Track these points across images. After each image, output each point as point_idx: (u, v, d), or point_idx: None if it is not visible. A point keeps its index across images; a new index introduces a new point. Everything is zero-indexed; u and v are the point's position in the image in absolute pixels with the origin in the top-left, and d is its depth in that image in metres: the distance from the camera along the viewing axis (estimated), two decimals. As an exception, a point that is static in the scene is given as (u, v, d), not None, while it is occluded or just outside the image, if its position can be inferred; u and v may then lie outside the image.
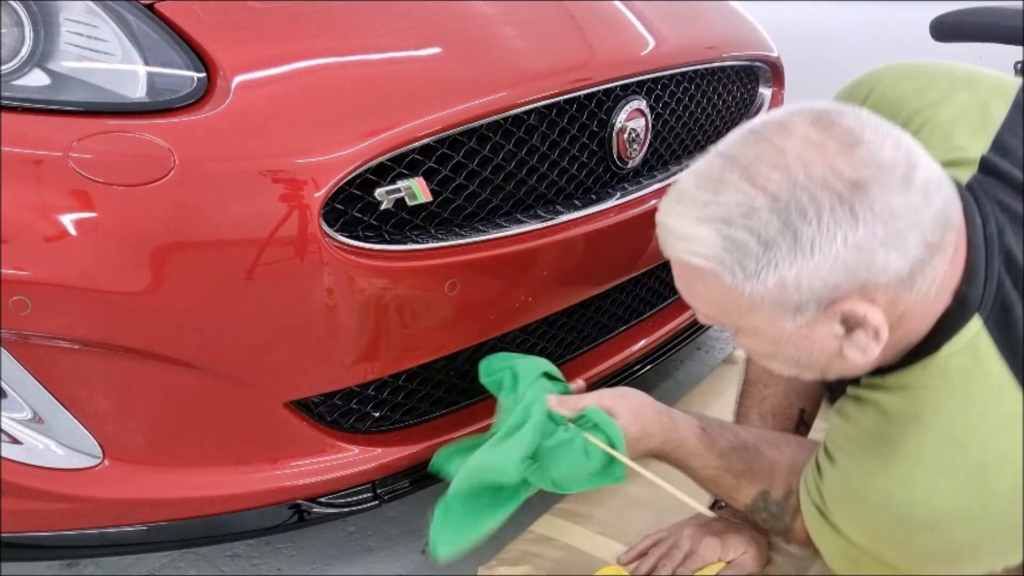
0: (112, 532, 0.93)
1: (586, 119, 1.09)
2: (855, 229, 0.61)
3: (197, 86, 0.83)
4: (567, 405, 0.87)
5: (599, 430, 0.85)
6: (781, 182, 0.62)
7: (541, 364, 0.93)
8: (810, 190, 0.61)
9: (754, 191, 0.63)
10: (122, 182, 0.78)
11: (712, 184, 0.65)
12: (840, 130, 0.63)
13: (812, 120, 0.64)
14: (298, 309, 0.87)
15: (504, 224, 1.03)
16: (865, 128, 0.64)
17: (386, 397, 1.04)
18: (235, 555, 1.15)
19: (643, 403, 0.90)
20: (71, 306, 0.80)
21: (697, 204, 0.66)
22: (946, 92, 0.82)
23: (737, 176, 0.64)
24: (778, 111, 0.68)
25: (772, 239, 0.62)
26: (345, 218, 0.89)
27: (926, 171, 0.64)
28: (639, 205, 1.18)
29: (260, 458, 0.95)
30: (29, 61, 0.80)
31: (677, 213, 0.68)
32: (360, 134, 0.87)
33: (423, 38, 1.01)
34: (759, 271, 0.64)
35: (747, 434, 0.93)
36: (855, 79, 1.00)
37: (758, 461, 0.90)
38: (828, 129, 0.63)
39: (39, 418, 0.87)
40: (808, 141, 0.63)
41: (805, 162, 0.62)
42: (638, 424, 0.87)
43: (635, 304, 1.37)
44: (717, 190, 0.65)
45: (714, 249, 0.65)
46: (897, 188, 0.62)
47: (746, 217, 0.63)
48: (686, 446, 0.89)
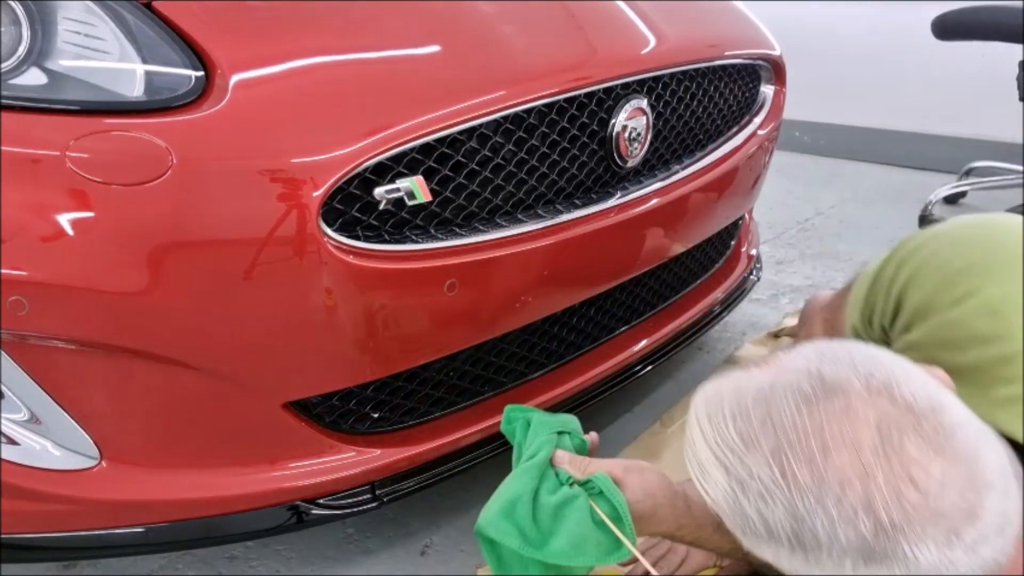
0: (110, 533, 0.92)
1: (586, 118, 1.09)
2: (869, 570, 0.54)
3: (195, 85, 0.83)
4: (576, 465, 0.84)
5: (603, 498, 0.80)
6: (807, 491, 0.55)
7: (561, 420, 0.90)
8: (833, 522, 0.54)
9: (778, 480, 0.56)
10: (120, 181, 0.78)
11: (745, 434, 0.59)
12: (905, 456, 0.54)
13: (881, 422, 0.55)
14: (297, 309, 0.87)
15: (504, 224, 1.02)
16: (936, 458, 0.54)
17: (385, 398, 1.04)
18: (233, 557, 1.15)
19: (659, 483, 0.85)
20: (69, 306, 0.80)
21: (724, 443, 0.60)
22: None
23: (768, 449, 0.57)
24: (857, 354, 0.60)
25: (777, 535, 0.57)
26: (344, 218, 0.88)
27: (986, 520, 0.54)
28: (640, 205, 1.17)
29: (258, 459, 0.95)
30: (27, 60, 0.79)
31: (703, 430, 0.62)
32: (359, 133, 0.86)
33: (422, 37, 1.00)
34: (758, 544, 0.59)
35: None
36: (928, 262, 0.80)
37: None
38: (891, 446, 0.54)
39: (36, 419, 0.86)
40: (859, 453, 0.54)
41: (843, 484, 0.54)
42: (648, 502, 0.82)
43: (636, 304, 1.36)
44: (746, 446, 0.58)
45: (720, 498, 0.60)
46: (938, 542, 0.53)
47: (760, 499, 0.57)
48: (702, 533, 0.85)
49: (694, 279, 1.52)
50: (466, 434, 1.08)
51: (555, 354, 1.23)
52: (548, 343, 1.21)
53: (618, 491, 0.81)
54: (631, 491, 0.83)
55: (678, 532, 0.86)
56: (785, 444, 0.57)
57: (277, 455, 0.96)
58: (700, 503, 0.85)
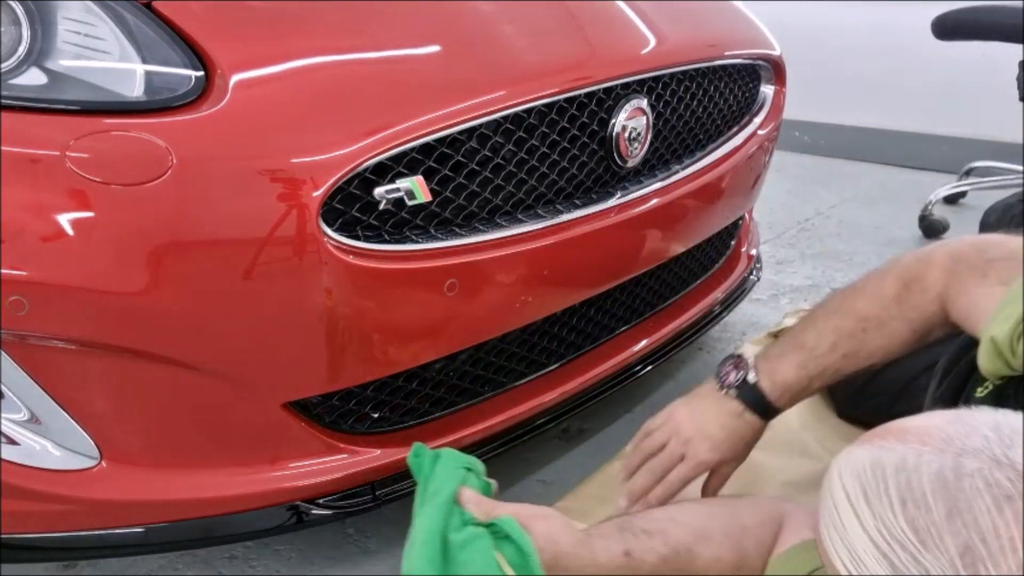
0: (110, 533, 0.92)
1: (586, 118, 1.09)
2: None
3: (195, 85, 0.83)
4: (482, 508, 0.83)
5: (510, 541, 0.79)
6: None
7: (468, 460, 0.89)
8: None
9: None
10: (120, 181, 0.78)
11: (921, 528, 0.52)
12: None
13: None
14: (296, 309, 0.87)
15: (504, 224, 1.02)
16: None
17: (385, 398, 1.04)
18: (233, 557, 1.15)
19: (562, 530, 0.83)
20: (69, 306, 0.80)
21: (891, 534, 0.53)
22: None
23: (956, 551, 0.50)
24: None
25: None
26: (344, 218, 0.88)
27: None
28: (640, 205, 1.17)
29: (258, 459, 0.95)
30: (27, 60, 0.79)
31: (859, 512, 0.55)
32: (359, 133, 0.86)
33: (422, 37, 1.00)
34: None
35: (680, 534, 0.87)
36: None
37: (692, 564, 0.85)
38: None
39: (36, 419, 0.86)
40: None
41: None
42: (551, 551, 0.81)
43: (636, 304, 1.36)
44: (923, 543, 0.51)
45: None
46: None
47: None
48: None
49: (694, 279, 1.52)
50: (466, 434, 1.08)
51: (555, 354, 1.23)
52: (548, 343, 1.21)
53: (526, 535, 0.79)
54: (535, 538, 0.81)
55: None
56: (981, 549, 0.49)
57: (277, 455, 0.96)
58: (605, 552, 0.84)
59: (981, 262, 0.86)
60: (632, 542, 0.86)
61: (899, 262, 0.94)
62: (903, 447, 0.55)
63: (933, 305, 0.90)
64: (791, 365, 0.96)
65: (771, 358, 0.98)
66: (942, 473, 0.52)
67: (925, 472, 0.53)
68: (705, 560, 0.86)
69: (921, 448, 0.54)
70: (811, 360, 0.95)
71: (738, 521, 0.90)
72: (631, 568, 0.84)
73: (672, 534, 0.87)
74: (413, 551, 0.78)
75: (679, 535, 0.87)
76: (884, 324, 0.92)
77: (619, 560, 0.84)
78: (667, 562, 0.85)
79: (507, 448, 1.15)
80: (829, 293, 1.02)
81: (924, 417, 0.59)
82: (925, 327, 0.91)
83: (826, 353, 0.94)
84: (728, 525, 0.89)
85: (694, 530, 0.88)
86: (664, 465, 0.99)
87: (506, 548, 0.79)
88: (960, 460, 0.52)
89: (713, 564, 0.86)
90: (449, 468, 0.86)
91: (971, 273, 0.86)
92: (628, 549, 0.85)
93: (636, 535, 0.86)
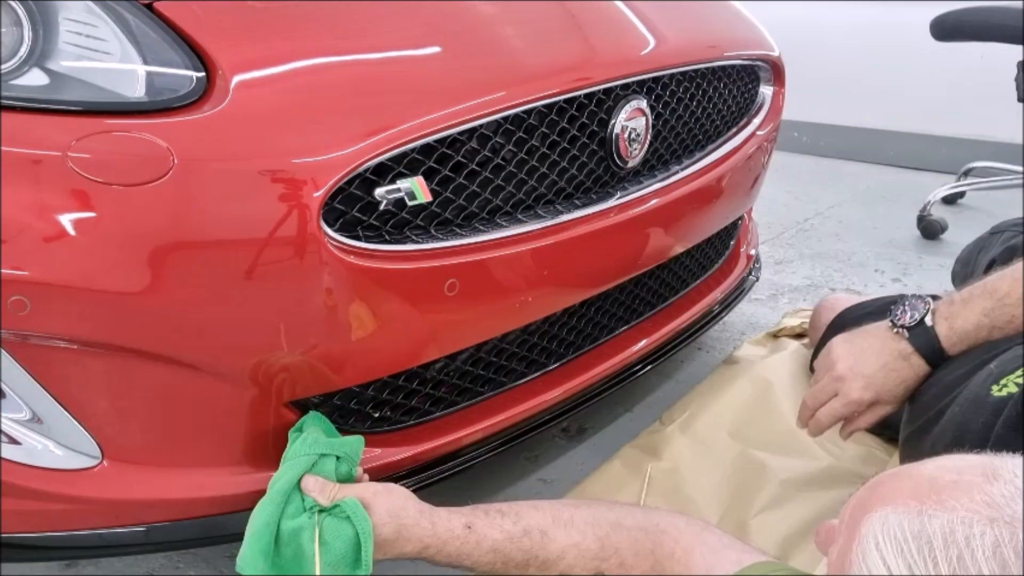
0: (111, 533, 0.92)
1: (586, 119, 1.09)
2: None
3: (196, 86, 0.83)
4: (326, 493, 0.84)
5: (349, 523, 0.82)
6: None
7: (339, 443, 0.90)
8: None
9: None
10: (121, 182, 0.78)
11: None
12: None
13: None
14: (297, 309, 0.87)
15: (504, 224, 1.03)
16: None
17: (386, 397, 1.04)
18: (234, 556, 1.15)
19: (404, 504, 0.85)
20: (70, 306, 0.80)
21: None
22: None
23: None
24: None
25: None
26: (345, 218, 0.89)
27: None
28: (639, 205, 1.17)
29: (259, 459, 0.95)
30: (28, 61, 0.79)
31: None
32: (359, 133, 0.86)
33: (423, 38, 1.00)
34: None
35: (536, 517, 0.87)
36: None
37: (546, 547, 0.85)
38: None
39: (38, 418, 0.87)
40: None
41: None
42: (392, 524, 0.83)
43: (636, 304, 1.36)
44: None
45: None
46: None
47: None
48: (447, 549, 0.85)
49: (693, 279, 1.52)
50: (466, 433, 1.09)
51: (555, 354, 1.23)
52: (548, 343, 1.21)
53: (366, 516, 0.82)
54: (377, 514, 0.83)
55: (424, 552, 0.86)
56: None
57: (278, 454, 0.96)
58: (445, 523, 0.85)
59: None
60: (478, 517, 0.87)
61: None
62: (947, 514, 0.51)
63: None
64: (975, 312, 0.95)
65: (955, 303, 0.97)
66: (999, 550, 0.48)
67: (979, 547, 0.49)
68: (561, 544, 0.85)
69: (968, 516, 0.50)
70: (998, 308, 0.94)
71: (612, 517, 0.89)
72: (472, 542, 0.85)
73: (527, 516, 0.88)
74: (244, 545, 0.81)
75: (535, 517, 0.87)
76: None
77: (459, 531, 0.85)
78: (513, 540, 0.85)
79: (507, 447, 1.15)
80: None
81: (954, 468, 0.55)
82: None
83: (1016, 303, 0.93)
84: (597, 517, 0.88)
85: (554, 516, 0.88)
86: (818, 399, 0.99)
87: (345, 529, 0.81)
88: (1016, 533, 0.48)
89: (570, 549, 0.85)
90: (300, 453, 0.87)
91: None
92: (470, 523, 0.86)
93: (487, 513, 0.88)
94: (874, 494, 0.57)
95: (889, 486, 0.57)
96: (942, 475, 0.54)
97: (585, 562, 0.86)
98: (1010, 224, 1.48)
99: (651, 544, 0.86)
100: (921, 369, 0.98)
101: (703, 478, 1.26)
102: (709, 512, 1.19)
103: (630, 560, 0.86)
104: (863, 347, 1.01)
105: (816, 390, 1.05)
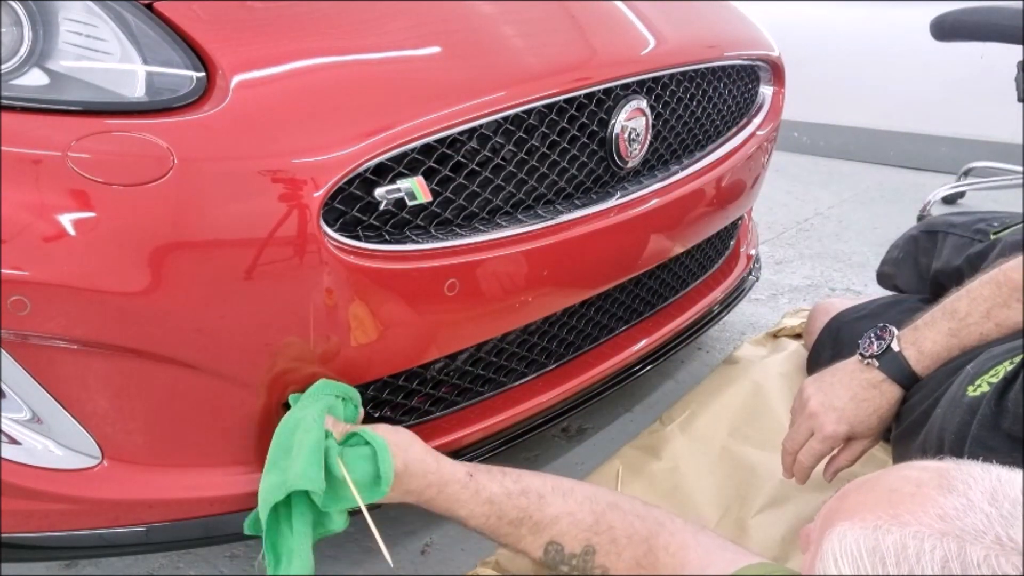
0: (111, 533, 0.92)
1: (586, 119, 1.09)
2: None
3: (196, 85, 0.83)
4: (338, 428, 0.88)
5: (367, 447, 0.86)
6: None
7: (341, 388, 0.93)
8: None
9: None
10: (121, 182, 0.78)
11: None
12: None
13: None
14: (297, 309, 0.87)
15: (504, 224, 1.03)
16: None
17: (385, 397, 1.04)
18: (234, 556, 1.15)
19: (411, 441, 0.89)
20: (70, 306, 0.80)
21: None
22: None
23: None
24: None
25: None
26: (345, 218, 0.89)
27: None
28: (639, 205, 1.17)
29: (260, 458, 0.95)
30: (28, 61, 0.79)
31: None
32: (359, 133, 0.86)
33: (423, 38, 1.00)
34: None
35: (537, 481, 0.90)
36: None
37: (541, 509, 0.87)
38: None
39: (38, 418, 0.87)
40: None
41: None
42: (401, 457, 0.86)
43: (635, 304, 1.37)
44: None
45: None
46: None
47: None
48: (447, 490, 0.87)
49: (693, 279, 1.52)
50: (466, 433, 1.09)
51: (555, 354, 1.23)
52: (548, 343, 1.21)
53: (381, 438, 0.87)
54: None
55: (427, 490, 0.88)
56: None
57: (278, 454, 0.96)
58: (449, 466, 0.88)
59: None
60: (480, 471, 0.89)
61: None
62: (900, 530, 0.53)
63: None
64: (941, 333, 0.96)
65: (919, 327, 0.99)
66: (947, 564, 0.49)
67: (928, 563, 0.50)
68: (556, 510, 0.87)
69: (920, 530, 0.52)
70: (963, 328, 0.95)
71: (612, 498, 0.90)
72: (471, 489, 0.87)
73: (528, 478, 0.90)
74: (297, 464, 0.82)
75: (535, 481, 0.89)
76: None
77: (460, 476, 0.87)
78: (511, 496, 0.87)
79: (507, 447, 1.15)
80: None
81: (914, 479, 0.56)
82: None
83: (979, 321, 0.94)
84: (597, 494, 0.90)
85: (555, 484, 0.90)
86: (796, 441, 0.99)
87: (364, 451, 0.86)
88: (964, 547, 0.50)
89: (564, 516, 0.87)
90: (318, 393, 0.90)
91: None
92: (472, 472, 0.88)
93: (490, 470, 0.90)
94: (841, 505, 0.59)
95: (853, 499, 0.58)
96: (901, 487, 0.56)
97: (577, 532, 0.87)
98: (945, 224, 1.47)
99: (646, 532, 0.87)
100: (893, 396, 1.00)
101: (703, 478, 1.27)
102: (709, 511, 1.19)
103: (623, 540, 0.87)
104: (832, 382, 1.02)
105: (792, 433, 1.05)
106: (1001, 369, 0.86)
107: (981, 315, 0.95)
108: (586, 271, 1.15)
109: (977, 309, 0.96)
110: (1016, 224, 1.42)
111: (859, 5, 3.45)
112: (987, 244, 1.38)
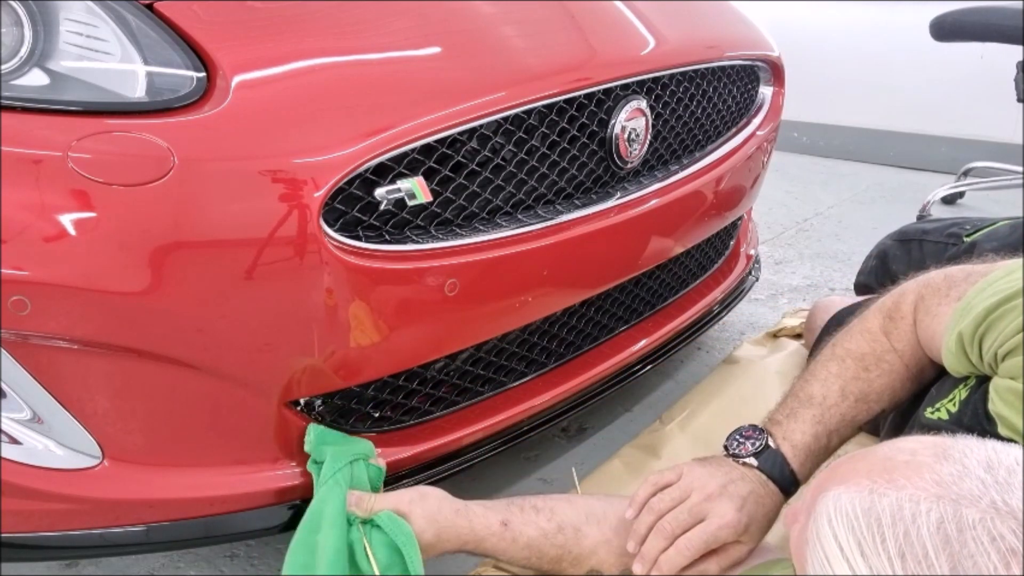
0: (111, 532, 0.92)
1: (586, 119, 1.09)
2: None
3: (196, 86, 0.83)
4: (363, 506, 0.88)
5: (389, 537, 0.85)
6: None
7: (355, 448, 0.93)
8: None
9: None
10: (121, 182, 0.78)
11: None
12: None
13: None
14: (298, 309, 0.87)
15: (504, 224, 1.03)
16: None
17: (386, 397, 1.04)
18: (234, 555, 1.15)
19: (439, 507, 0.89)
20: (71, 306, 0.80)
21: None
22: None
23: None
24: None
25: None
26: (345, 218, 0.89)
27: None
28: (639, 205, 1.17)
29: (260, 458, 0.95)
30: (28, 61, 0.79)
31: (852, 562, 0.53)
32: (360, 134, 0.87)
33: (423, 38, 1.00)
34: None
35: (570, 513, 0.89)
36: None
37: (579, 543, 0.87)
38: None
39: (39, 418, 0.87)
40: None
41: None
42: (432, 529, 0.87)
43: (635, 304, 1.37)
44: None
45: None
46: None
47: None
48: (484, 545, 0.88)
49: (693, 279, 1.52)
50: (466, 433, 1.09)
51: (555, 354, 1.23)
52: (548, 343, 1.21)
53: (407, 528, 0.85)
54: (416, 522, 0.86)
55: (464, 548, 0.89)
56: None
57: (278, 454, 0.96)
58: (482, 520, 0.88)
59: (944, 285, 0.86)
60: (513, 514, 0.89)
61: (878, 300, 0.95)
62: (896, 493, 0.53)
63: (913, 334, 0.90)
64: (806, 422, 0.90)
65: (780, 422, 0.92)
66: (943, 526, 0.50)
67: (924, 524, 0.50)
68: (593, 540, 0.87)
69: (916, 494, 0.52)
70: (825, 412, 0.90)
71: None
72: (508, 539, 0.87)
73: (561, 512, 0.90)
74: (324, 559, 0.82)
75: (569, 513, 0.89)
76: (881, 359, 0.91)
77: (495, 529, 0.87)
78: (548, 536, 0.87)
79: (507, 447, 1.15)
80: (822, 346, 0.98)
81: (909, 449, 0.56)
82: (915, 361, 0.91)
83: (838, 402, 0.90)
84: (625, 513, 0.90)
85: (588, 512, 0.90)
86: (682, 524, 0.86)
87: (387, 540, 0.85)
88: (960, 510, 0.50)
89: (602, 545, 0.87)
90: (330, 472, 0.90)
91: (935, 295, 0.88)
92: (506, 520, 0.88)
93: (523, 509, 0.90)
94: (833, 475, 0.59)
95: (846, 467, 0.59)
96: (896, 455, 0.56)
97: (615, 559, 0.88)
98: (918, 232, 1.45)
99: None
100: (777, 497, 0.89)
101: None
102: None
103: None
104: (724, 471, 0.90)
105: (679, 513, 0.88)
106: (956, 395, 0.82)
107: (837, 395, 0.90)
108: (586, 271, 1.15)
109: (831, 389, 0.91)
110: (988, 226, 1.42)
111: (859, 5, 3.45)
112: (962, 247, 1.38)
